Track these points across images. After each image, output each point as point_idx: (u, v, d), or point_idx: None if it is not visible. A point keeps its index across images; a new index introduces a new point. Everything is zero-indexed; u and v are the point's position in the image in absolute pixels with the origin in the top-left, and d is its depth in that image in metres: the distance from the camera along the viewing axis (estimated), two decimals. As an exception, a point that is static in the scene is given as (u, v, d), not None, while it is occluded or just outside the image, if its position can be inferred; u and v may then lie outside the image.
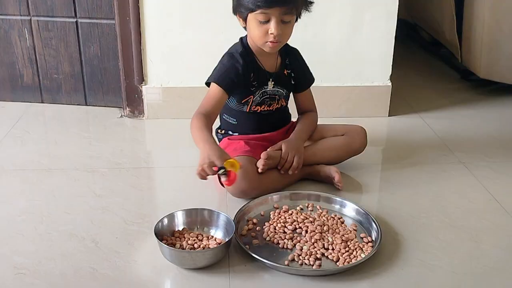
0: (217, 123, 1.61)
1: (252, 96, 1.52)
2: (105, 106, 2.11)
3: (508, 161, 1.74)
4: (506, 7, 2.14)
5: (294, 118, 1.68)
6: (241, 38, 1.53)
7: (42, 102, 2.13)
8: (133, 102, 2.01)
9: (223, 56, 1.52)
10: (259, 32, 1.40)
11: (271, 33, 1.39)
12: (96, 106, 2.11)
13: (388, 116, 2.08)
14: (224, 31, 1.92)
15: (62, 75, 2.08)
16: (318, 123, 1.66)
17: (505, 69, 2.24)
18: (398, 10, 1.95)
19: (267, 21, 1.38)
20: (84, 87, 2.09)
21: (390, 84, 2.04)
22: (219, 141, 1.60)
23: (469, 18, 2.25)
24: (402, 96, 2.23)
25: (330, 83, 2.01)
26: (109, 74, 2.06)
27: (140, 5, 1.87)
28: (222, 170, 1.25)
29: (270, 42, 1.41)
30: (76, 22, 1.99)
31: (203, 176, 1.27)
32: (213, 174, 1.26)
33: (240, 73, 1.47)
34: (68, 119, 2.01)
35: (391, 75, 2.03)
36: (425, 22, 2.82)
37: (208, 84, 1.50)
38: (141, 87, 1.99)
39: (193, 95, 1.99)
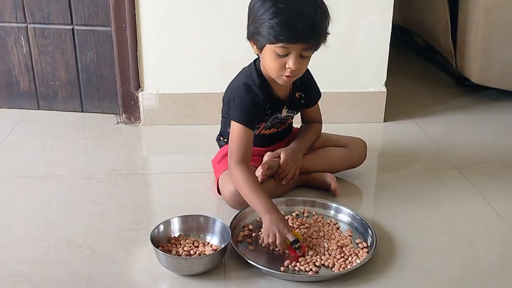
0: (218, 130, 1.62)
1: (264, 123, 1.49)
2: (101, 113, 2.11)
3: (503, 166, 1.76)
4: (500, 14, 2.16)
5: (295, 124, 1.67)
6: (254, 64, 1.46)
7: (39, 109, 2.13)
8: (129, 109, 2.02)
9: (238, 85, 1.43)
10: (275, 65, 1.33)
11: (288, 67, 1.32)
12: (92, 112, 2.12)
13: (383, 121, 2.09)
14: (221, 39, 1.93)
15: (59, 82, 2.08)
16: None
17: (499, 74, 2.26)
18: (393, 16, 1.96)
19: (286, 55, 1.30)
20: (81, 94, 2.10)
21: (385, 90, 2.05)
22: (220, 147, 1.60)
23: (464, 24, 2.27)
24: (397, 102, 2.25)
25: (325, 89, 1.99)
26: (106, 80, 2.06)
27: (136, 12, 1.88)
28: (297, 244, 1.23)
29: (286, 76, 1.34)
30: (73, 29, 2.00)
31: (275, 247, 1.26)
32: (285, 250, 1.26)
33: (261, 107, 1.42)
34: (64, 125, 2.02)
35: (386, 81, 2.04)
36: (420, 28, 2.84)
37: (225, 117, 1.46)
38: (137, 93, 1.99)
39: (189, 101, 2.01)
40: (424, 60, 2.92)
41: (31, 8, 1.98)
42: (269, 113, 1.48)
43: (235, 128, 1.40)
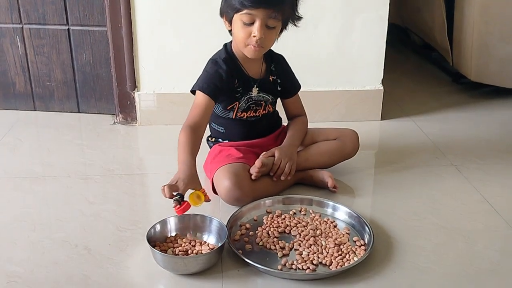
0: (207, 131, 1.61)
1: (237, 103, 1.52)
2: (97, 113, 2.11)
3: (499, 163, 1.75)
4: (496, 11, 2.16)
5: (284, 122, 1.68)
6: (225, 44, 1.53)
7: (35, 110, 2.13)
8: (125, 109, 2.01)
9: (207, 63, 1.52)
10: (242, 33, 1.39)
11: (253, 36, 1.38)
12: (88, 113, 2.11)
13: (381, 120, 2.09)
14: (217, 37, 1.91)
15: (55, 82, 2.08)
16: (310, 127, 1.66)
17: (495, 71, 2.26)
18: (389, 15, 1.96)
19: (251, 23, 1.37)
20: (77, 94, 2.09)
21: (382, 88, 2.05)
22: (210, 148, 1.60)
23: (460, 21, 2.27)
24: (394, 100, 2.24)
25: (322, 88, 2.02)
26: (102, 81, 2.06)
27: (131, 12, 1.88)
28: (177, 197, 1.20)
29: (252, 46, 1.40)
30: (68, 29, 2.00)
31: (163, 195, 1.21)
32: (169, 198, 1.20)
33: (224, 78, 1.46)
34: (60, 126, 2.01)
35: (383, 79, 2.04)
36: (416, 26, 2.84)
37: (193, 92, 1.49)
38: (134, 93, 1.99)
39: (185, 101, 1.99)
40: (421, 58, 2.92)
41: (27, 9, 1.98)
42: (240, 91, 1.50)
43: (196, 96, 1.47)
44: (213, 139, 1.61)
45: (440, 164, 1.74)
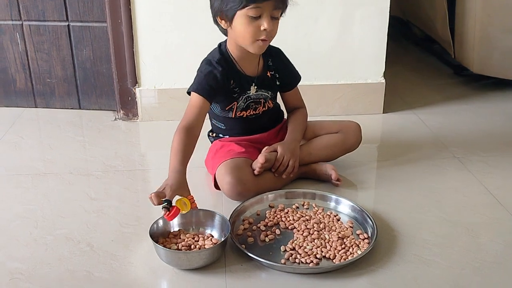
0: (209, 126, 1.61)
1: (235, 102, 1.50)
2: (99, 110, 2.10)
3: (502, 155, 1.75)
4: (498, 2, 2.14)
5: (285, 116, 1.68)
6: (219, 44, 1.49)
7: (36, 107, 2.12)
8: (126, 105, 2.01)
9: (201, 63, 1.49)
10: (250, 29, 1.35)
11: (263, 29, 1.34)
12: (89, 109, 2.11)
13: (383, 113, 2.08)
14: (217, 32, 1.91)
15: (55, 79, 2.07)
16: (312, 119, 1.65)
17: (497, 63, 2.25)
18: (390, 7, 1.95)
19: (258, 17, 1.34)
20: (78, 91, 2.09)
21: (383, 81, 2.04)
22: (211, 143, 1.60)
23: (461, 13, 2.26)
24: (396, 92, 2.24)
25: (323, 81, 2.01)
26: (102, 77, 2.05)
27: (131, 8, 1.87)
28: (165, 204, 1.18)
29: (262, 40, 1.37)
30: (68, 25, 1.99)
31: (152, 202, 1.19)
32: (157, 205, 1.18)
33: (218, 79, 1.43)
34: (62, 123, 2.01)
35: (384, 72, 2.03)
36: (417, 18, 2.82)
37: (189, 93, 1.47)
38: (135, 89, 1.98)
39: (186, 96, 1.99)
40: (422, 51, 2.91)
41: (26, 6, 1.97)
42: (238, 91, 1.48)
43: (191, 97, 1.44)
44: (214, 135, 1.60)
45: (443, 157, 1.73)
